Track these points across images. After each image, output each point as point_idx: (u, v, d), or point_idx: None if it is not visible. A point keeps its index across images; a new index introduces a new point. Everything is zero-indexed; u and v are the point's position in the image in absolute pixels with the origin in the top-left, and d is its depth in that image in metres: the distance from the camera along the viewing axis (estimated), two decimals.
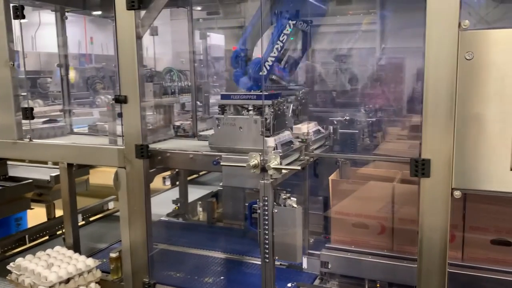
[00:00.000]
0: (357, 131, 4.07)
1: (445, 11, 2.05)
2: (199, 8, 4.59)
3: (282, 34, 3.17)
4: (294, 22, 3.19)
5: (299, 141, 3.03)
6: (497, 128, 2.06)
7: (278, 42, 3.17)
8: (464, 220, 2.88)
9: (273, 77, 3.27)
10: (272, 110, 2.85)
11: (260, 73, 3.09)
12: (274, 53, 3.16)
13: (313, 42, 4.39)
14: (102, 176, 5.05)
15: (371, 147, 4.07)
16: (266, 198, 2.55)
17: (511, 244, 2.79)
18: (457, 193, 2.16)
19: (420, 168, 2.18)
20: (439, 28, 2.08)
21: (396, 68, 4.91)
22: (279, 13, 3.25)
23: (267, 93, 2.87)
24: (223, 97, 3.00)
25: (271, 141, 2.74)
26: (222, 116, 2.91)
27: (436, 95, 2.12)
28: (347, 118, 4.11)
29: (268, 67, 3.16)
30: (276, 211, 2.56)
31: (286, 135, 2.98)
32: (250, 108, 2.88)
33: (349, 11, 4.89)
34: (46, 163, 4.57)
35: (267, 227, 2.57)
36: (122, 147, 3.03)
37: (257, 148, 2.68)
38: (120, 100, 2.90)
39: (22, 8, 3.31)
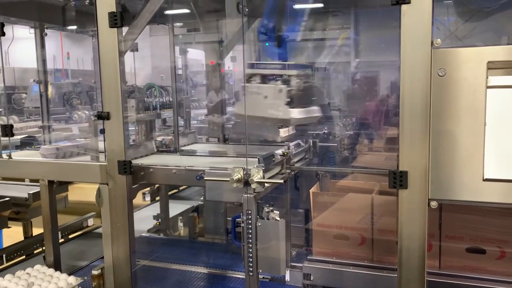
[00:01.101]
0: (335, 144, 4.17)
1: (419, 30, 2.16)
2: (179, 25, 4.65)
3: None
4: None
5: (280, 155, 3.09)
6: (470, 141, 2.16)
7: None
8: (440, 229, 2.97)
9: None
10: (297, 80, 2.78)
11: None
12: None
13: (290, 57, 4.50)
14: (80, 193, 5.00)
15: (350, 159, 4.17)
16: (249, 212, 2.59)
17: (486, 252, 2.89)
18: (434, 204, 2.24)
19: (398, 180, 2.26)
20: (413, 46, 2.18)
21: (371, 82, 5.06)
22: None
23: (293, 63, 2.82)
24: (250, 65, 2.95)
25: (294, 113, 2.67)
26: (248, 84, 2.82)
27: (412, 110, 2.21)
28: (326, 131, 4.21)
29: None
30: (259, 224, 2.60)
31: (313, 110, 2.86)
32: (278, 78, 2.80)
33: (325, 27, 5.03)
34: (23, 180, 4.50)
35: (250, 240, 2.61)
36: (104, 163, 3.03)
37: (282, 117, 2.60)
38: (103, 116, 2.91)
39: (2, 25, 3.30)
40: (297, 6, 4.21)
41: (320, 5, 4.56)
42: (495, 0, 2.94)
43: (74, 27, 4.99)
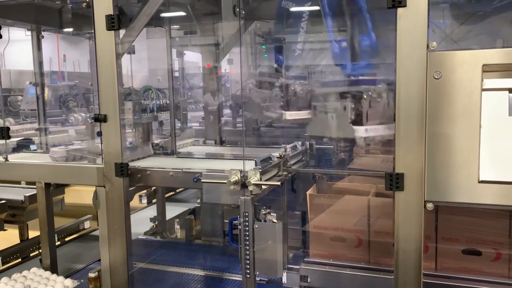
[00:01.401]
0: (332, 146, 4.18)
1: (415, 34, 2.18)
2: (176, 27, 4.66)
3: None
4: None
5: (277, 157, 3.10)
6: (465, 143, 2.18)
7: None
8: (436, 231, 2.99)
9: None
10: (365, 97, 2.70)
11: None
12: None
13: (286, 59, 4.51)
14: (76, 195, 5.00)
15: (346, 161, 4.18)
16: (246, 214, 2.60)
17: (481, 253, 2.91)
18: (430, 205, 2.25)
19: (394, 182, 2.28)
20: (409, 49, 2.20)
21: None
22: None
23: (354, 79, 2.69)
24: (323, 85, 2.86)
25: (361, 131, 2.57)
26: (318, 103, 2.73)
27: (408, 113, 2.23)
28: None
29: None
30: (256, 226, 2.61)
31: (381, 128, 2.66)
32: (348, 95, 2.70)
33: (322, 30, 5.04)
34: (19, 182, 4.48)
35: (248, 242, 2.61)
36: (101, 166, 3.03)
37: (347, 136, 2.49)
38: (100, 119, 2.91)
39: None
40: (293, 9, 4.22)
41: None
42: (489, 4, 2.96)
43: (71, 29, 4.98)
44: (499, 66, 2.15)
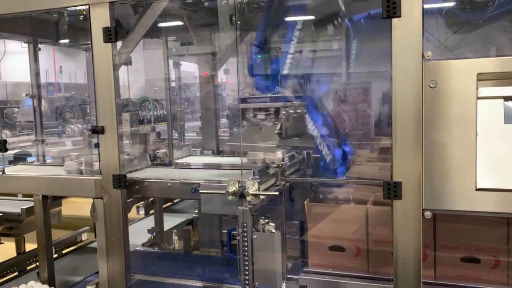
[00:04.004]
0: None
1: (410, 43, 2.20)
2: (173, 38, 4.68)
3: (296, 30, 3.21)
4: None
5: (275, 167, 3.11)
6: (462, 151, 2.19)
7: (293, 38, 3.23)
8: (435, 239, 2.99)
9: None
10: (284, 112, 2.86)
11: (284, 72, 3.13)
12: (292, 50, 3.21)
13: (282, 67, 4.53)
14: (73, 207, 4.96)
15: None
16: (245, 224, 2.60)
17: (480, 261, 2.91)
18: (428, 214, 2.26)
19: (392, 190, 2.28)
20: (404, 58, 2.22)
21: (363, 92, 5.10)
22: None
23: (274, 96, 2.94)
24: (243, 101, 3.13)
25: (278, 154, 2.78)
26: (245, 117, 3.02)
27: (404, 121, 2.25)
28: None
29: (289, 66, 3.19)
30: (255, 236, 2.60)
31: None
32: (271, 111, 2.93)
33: (317, 38, 5.08)
34: (16, 195, 4.46)
35: (246, 253, 2.60)
36: (99, 178, 3.02)
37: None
38: (98, 130, 2.91)
39: None
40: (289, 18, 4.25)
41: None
42: (483, 13, 3.00)
43: (67, 41, 5.00)
44: (494, 74, 2.17)
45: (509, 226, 2.82)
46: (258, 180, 2.61)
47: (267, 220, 2.69)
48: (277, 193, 2.75)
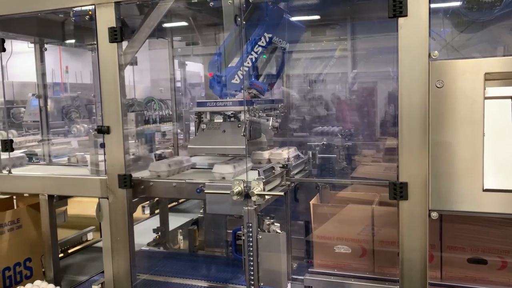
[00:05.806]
0: (334, 155, 4.18)
1: (416, 43, 2.19)
2: (178, 38, 4.68)
3: (257, 46, 3.27)
4: (270, 35, 3.29)
5: (280, 167, 3.10)
6: (469, 151, 2.18)
7: (253, 53, 3.27)
8: (441, 240, 2.97)
9: (253, 92, 3.35)
10: (248, 116, 2.92)
11: (233, 81, 3.20)
12: (248, 63, 3.25)
13: (288, 68, 4.52)
14: (78, 206, 4.98)
15: (349, 170, 4.18)
16: (250, 224, 2.59)
17: (487, 262, 2.89)
18: (434, 214, 2.25)
19: (398, 191, 2.27)
20: (411, 58, 2.21)
21: (368, 92, 5.09)
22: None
23: (240, 100, 2.98)
24: (199, 104, 3.20)
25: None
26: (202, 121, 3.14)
27: (410, 122, 2.23)
28: (325, 143, 4.22)
29: (241, 76, 3.24)
30: (260, 237, 2.60)
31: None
32: (231, 114, 3.01)
33: (323, 39, 5.07)
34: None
35: (251, 253, 2.60)
36: (104, 178, 3.03)
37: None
38: (103, 130, 2.92)
39: (3, 41, 3.32)
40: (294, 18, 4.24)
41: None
42: (489, 13, 2.97)
43: (73, 41, 5.02)
44: (501, 74, 2.15)
45: None
46: (263, 180, 2.60)
47: (272, 220, 2.68)
48: (282, 193, 2.74)
